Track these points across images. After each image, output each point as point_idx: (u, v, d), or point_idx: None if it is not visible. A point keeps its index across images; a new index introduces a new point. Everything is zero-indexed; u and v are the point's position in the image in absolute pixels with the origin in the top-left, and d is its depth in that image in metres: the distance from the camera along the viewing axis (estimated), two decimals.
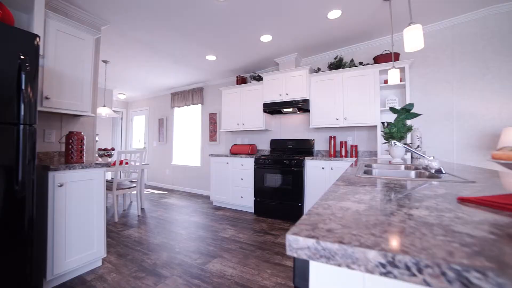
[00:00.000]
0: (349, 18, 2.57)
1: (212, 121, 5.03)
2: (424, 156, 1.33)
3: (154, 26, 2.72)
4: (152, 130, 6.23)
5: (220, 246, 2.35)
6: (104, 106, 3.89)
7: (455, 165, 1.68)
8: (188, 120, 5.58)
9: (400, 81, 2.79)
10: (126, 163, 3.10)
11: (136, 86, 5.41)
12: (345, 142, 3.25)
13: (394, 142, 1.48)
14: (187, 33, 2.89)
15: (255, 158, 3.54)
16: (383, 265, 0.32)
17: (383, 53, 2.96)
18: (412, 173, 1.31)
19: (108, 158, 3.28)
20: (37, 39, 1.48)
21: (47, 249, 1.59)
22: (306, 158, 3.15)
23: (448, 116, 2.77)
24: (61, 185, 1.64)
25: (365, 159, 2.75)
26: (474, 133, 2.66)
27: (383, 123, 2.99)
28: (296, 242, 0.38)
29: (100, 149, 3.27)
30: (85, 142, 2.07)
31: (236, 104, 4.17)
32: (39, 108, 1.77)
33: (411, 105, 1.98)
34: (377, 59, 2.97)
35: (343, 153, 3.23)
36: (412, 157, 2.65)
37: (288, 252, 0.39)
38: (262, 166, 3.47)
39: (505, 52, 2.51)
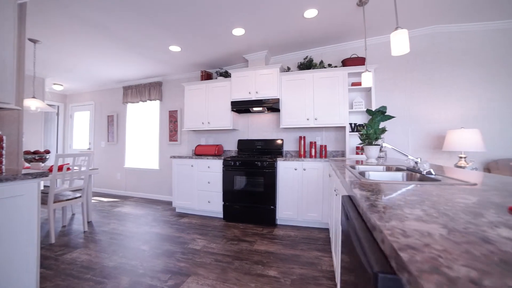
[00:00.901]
0: (324, 18, 2.58)
1: (173, 119, 4.58)
2: (412, 158, 1.35)
3: (107, 0, 2.24)
4: (99, 129, 5.36)
5: (192, 261, 2.07)
6: (34, 97, 3.12)
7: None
8: (144, 118, 4.97)
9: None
10: (68, 168, 2.52)
11: (77, 75, 4.55)
12: (315, 143, 3.29)
13: (382, 144, 1.49)
14: (150, 15, 2.48)
15: (223, 159, 3.31)
16: None
17: (351, 56, 3.09)
18: (404, 175, 1.31)
19: (41, 163, 2.61)
20: None
21: None
22: (278, 159, 3.08)
23: (405, 118, 3.05)
24: None
25: (332, 159, 2.82)
26: (424, 134, 2.99)
27: (350, 124, 3.12)
28: None
29: (27, 152, 2.57)
30: (4, 145, 1.55)
31: (201, 101, 3.86)
32: None
33: (385, 107, 2.06)
34: (345, 62, 3.08)
35: (313, 153, 3.26)
36: (378, 157, 2.82)
37: None
38: (231, 168, 3.26)
39: (447, 66, 2.89)
